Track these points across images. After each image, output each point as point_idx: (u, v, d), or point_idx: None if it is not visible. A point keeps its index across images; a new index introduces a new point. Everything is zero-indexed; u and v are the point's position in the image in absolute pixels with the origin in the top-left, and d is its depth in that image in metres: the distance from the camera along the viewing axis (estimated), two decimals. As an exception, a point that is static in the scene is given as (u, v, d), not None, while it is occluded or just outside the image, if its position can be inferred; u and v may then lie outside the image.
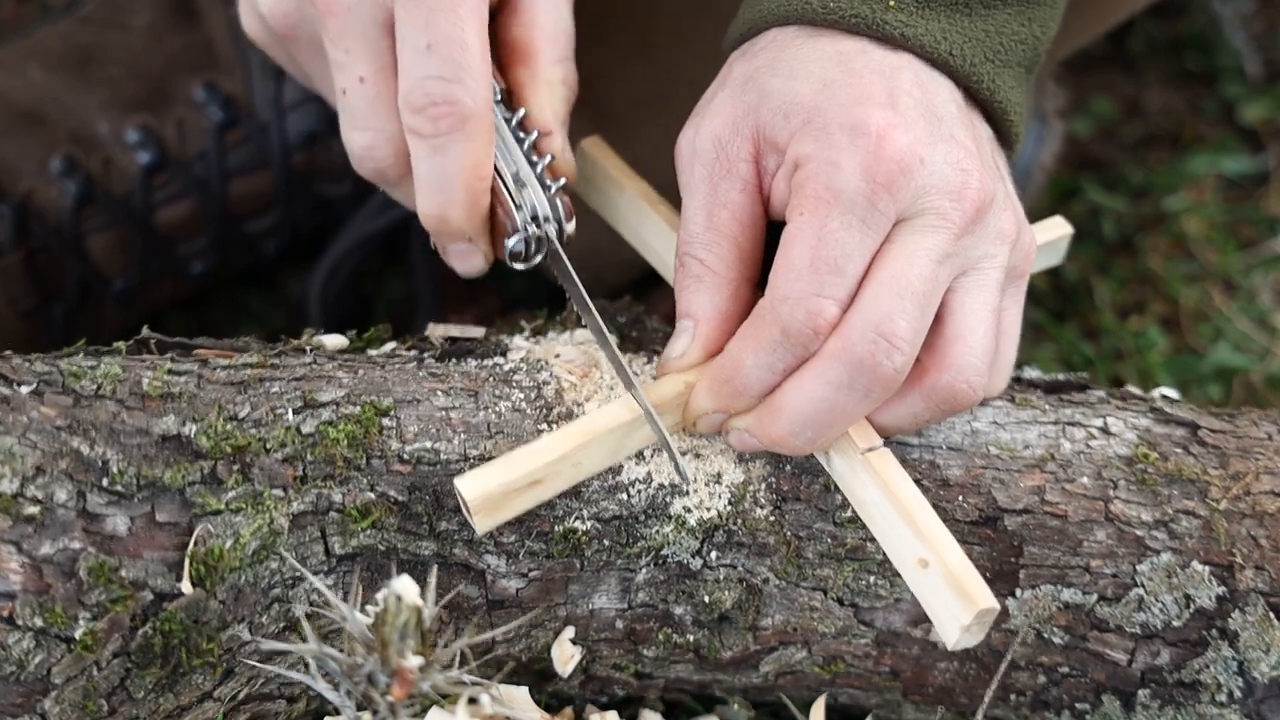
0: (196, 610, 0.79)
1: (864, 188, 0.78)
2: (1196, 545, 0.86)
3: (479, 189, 0.83)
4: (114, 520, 0.78)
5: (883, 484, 0.81)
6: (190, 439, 0.80)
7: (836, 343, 0.78)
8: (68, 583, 0.75)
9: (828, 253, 0.78)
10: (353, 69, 0.82)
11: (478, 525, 0.80)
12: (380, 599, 0.72)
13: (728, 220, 0.83)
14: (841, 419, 0.80)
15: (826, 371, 0.79)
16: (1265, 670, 0.85)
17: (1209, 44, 1.58)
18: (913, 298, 0.78)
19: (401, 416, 0.83)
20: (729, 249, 0.83)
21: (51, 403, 0.78)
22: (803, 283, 0.78)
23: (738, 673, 0.90)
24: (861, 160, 0.78)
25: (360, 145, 0.84)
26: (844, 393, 0.79)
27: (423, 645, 0.73)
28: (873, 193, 0.78)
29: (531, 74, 0.86)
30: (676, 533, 0.84)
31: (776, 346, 0.79)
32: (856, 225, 0.78)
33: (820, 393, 0.79)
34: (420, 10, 0.79)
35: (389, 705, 0.73)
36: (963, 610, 0.78)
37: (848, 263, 0.78)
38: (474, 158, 0.82)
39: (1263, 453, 0.89)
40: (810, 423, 0.80)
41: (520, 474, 0.79)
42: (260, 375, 0.84)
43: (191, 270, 1.20)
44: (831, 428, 0.81)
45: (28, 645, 0.74)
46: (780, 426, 0.81)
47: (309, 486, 0.81)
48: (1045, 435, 0.88)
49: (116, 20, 1.17)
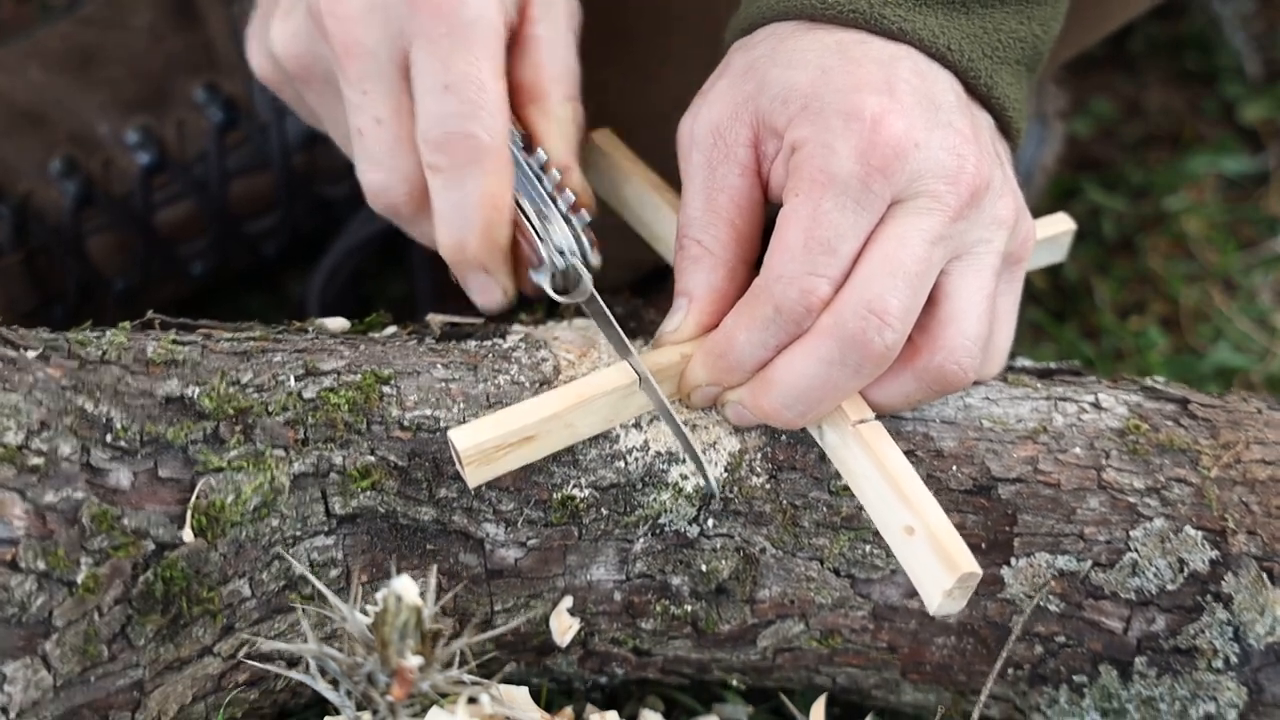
0: (198, 560, 0.80)
1: (858, 170, 0.79)
2: (1189, 511, 0.86)
3: (496, 220, 0.84)
4: (117, 474, 0.79)
5: (872, 455, 0.82)
6: (193, 400, 0.81)
7: (829, 319, 0.80)
8: (70, 529, 0.76)
9: (821, 233, 0.79)
10: (370, 110, 0.83)
11: (469, 478, 0.81)
12: (380, 599, 0.72)
13: (725, 203, 0.84)
14: (833, 394, 0.82)
15: (818, 348, 0.80)
16: (1260, 634, 0.85)
17: (1209, 44, 1.59)
18: (905, 277, 0.79)
19: (402, 386, 0.84)
20: (726, 231, 0.84)
21: (57, 365, 0.79)
22: (796, 262, 0.80)
23: (736, 649, 0.90)
24: (856, 144, 0.79)
25: (377, 184, 0.86)
26: (835, 368, 0.80)
27: (423, 645, 0.73)
28: (867, 175, 0.79)
29: (542, 113, 0.88)
30: (674, 500, 0.85)
31: (769, 323, 0.81)
32: (850, 207, 0.79)
33: (812, 368, 0.81)
34: (438, 51, 0.81)
35: (389, 705, 0.74)
36: (945, 575, 0.79)
37: (840, 243, 0.79)
38: (491, 190, 0.83)
39: (1252, 424, 0.90)
40: (802, 397, 0.82)
41: (513, 429, 0.80)
42: (263, 346, 0.85)
43: (192, 271, 1.20)
44: (823, 403, 0.82)
45: (30, 588, 0.75)
46: (772, 400, 0.82)
47: (310, 448, 0.82)
48: (1038, 410, 0.89)
49: (117, 21, 1.17)
